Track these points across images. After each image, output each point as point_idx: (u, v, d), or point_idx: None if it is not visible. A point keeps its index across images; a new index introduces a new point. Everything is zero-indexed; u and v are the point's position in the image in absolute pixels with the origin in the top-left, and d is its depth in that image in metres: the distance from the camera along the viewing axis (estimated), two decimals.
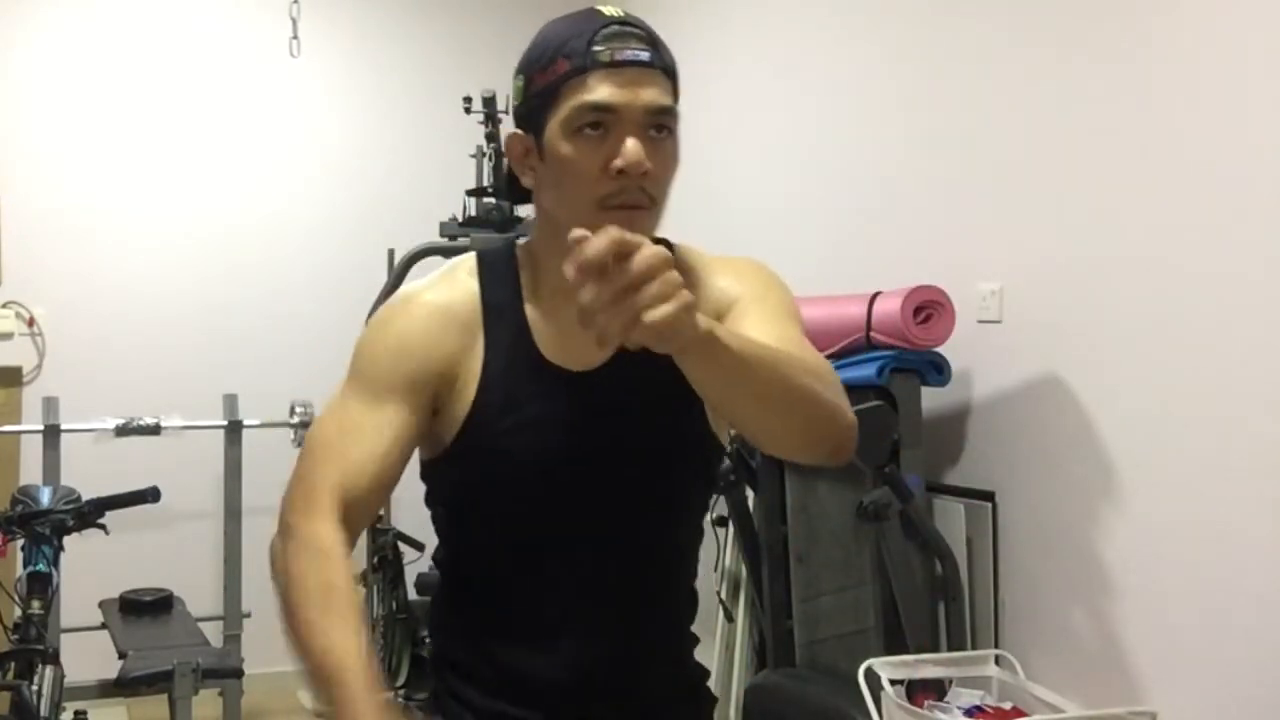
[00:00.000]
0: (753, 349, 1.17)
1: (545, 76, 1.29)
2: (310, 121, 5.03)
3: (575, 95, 1.27)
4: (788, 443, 1.29)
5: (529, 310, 1.37)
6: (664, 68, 1.30)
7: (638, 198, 1.28)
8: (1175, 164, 2.48)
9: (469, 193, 4.36)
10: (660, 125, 1.29)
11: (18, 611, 3.12)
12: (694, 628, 1.54)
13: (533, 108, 1.31)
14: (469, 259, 1.42)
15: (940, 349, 2.88)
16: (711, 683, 1.62)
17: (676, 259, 1.44)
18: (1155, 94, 2.53)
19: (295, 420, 4.49)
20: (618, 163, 1.26)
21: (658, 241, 1.41)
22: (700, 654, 1.56)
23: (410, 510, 2.69)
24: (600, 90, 1.26)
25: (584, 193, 1.28)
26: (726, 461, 3.40)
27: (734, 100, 4.16)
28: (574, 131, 1.27)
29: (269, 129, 4.96)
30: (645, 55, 1.28)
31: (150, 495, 3.46)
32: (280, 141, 4.98)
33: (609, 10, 1.31)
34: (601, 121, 1.27)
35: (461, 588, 1.43)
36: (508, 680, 1.37)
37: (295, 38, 4.77)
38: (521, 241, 1.43)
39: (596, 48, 1.27)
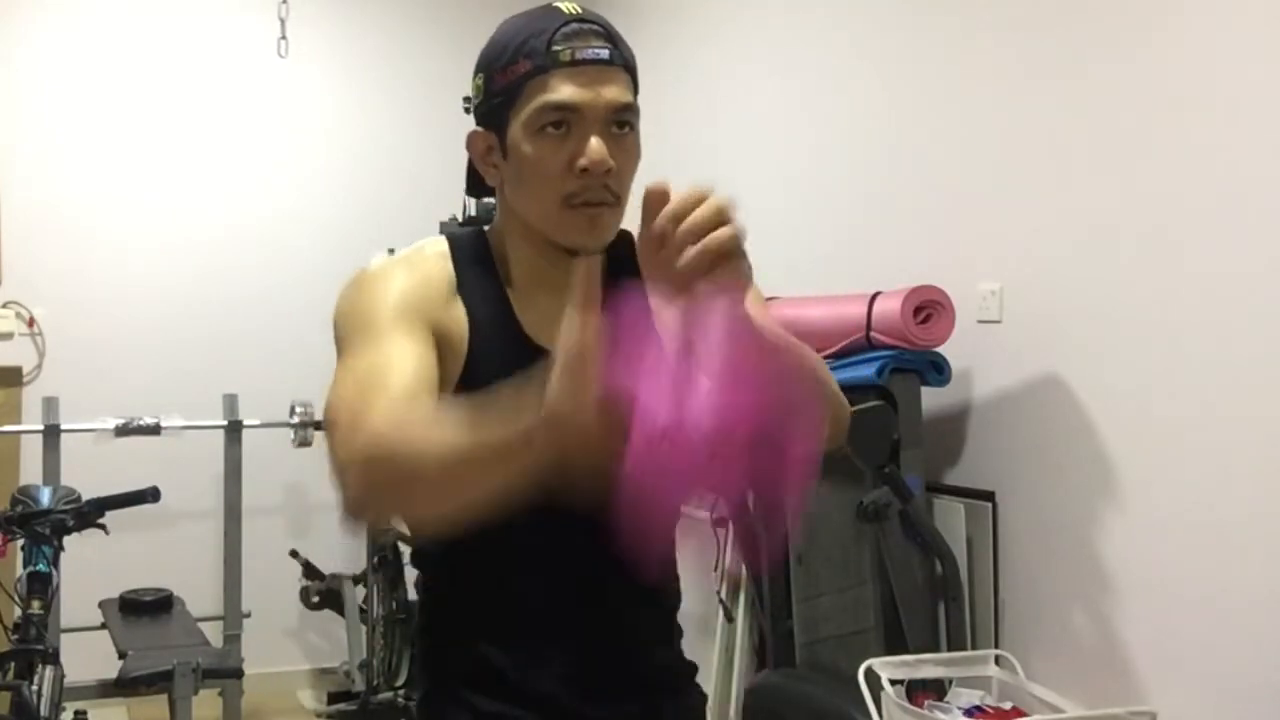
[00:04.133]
0: (777, 331, 1.17)
1: (505, 76, 1.30)
2: (307, 121, 5.03)
3: (537, 95, 1.28)
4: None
5: (509, 293, 1.37)
6: (624, 64, 1.31)
7: (602, 195, 1.29)
8: (1176, 164, 2.48)
9: (468, 193, 4.37)
10: (622, 122, 1.30)
11: (18, 611, 3.12)
12: (693, 628, 1.54)
13: (494, 106, 1.32)
14: (438, 243, 1.41)
15: (940, 349, 2.88)
16: (711, 683, 1.62)
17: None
18: (1156, 93, 2.53)
19: (295, 420, 4.49)
20: (581, 161, 1.27)
21: (621, 235, 1.42)
22: (700, 654, 1.55)
23: None
24: (562, 90, 1.27)
25: (548, 191, 1.29)
26: None
27: (734, 100, 4.16)
28: (536, 131, 1.29)
29: (266, 129, 4.97)
30: (605, 53, 1.29)
31: (150, 495, 3.46)
32: (280, 141, 4.99)
33: (567, 7, 1.31)
34: (564, 120, 1.28)
35: (448, 587, 1.41)
36: (499, 679, 1.36)
37: (284, 38, 4.77)
38: (488, 229, 1.43)
39: (557, 47, 1.28)
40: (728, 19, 4.22)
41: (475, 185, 1.42)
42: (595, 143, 1.27)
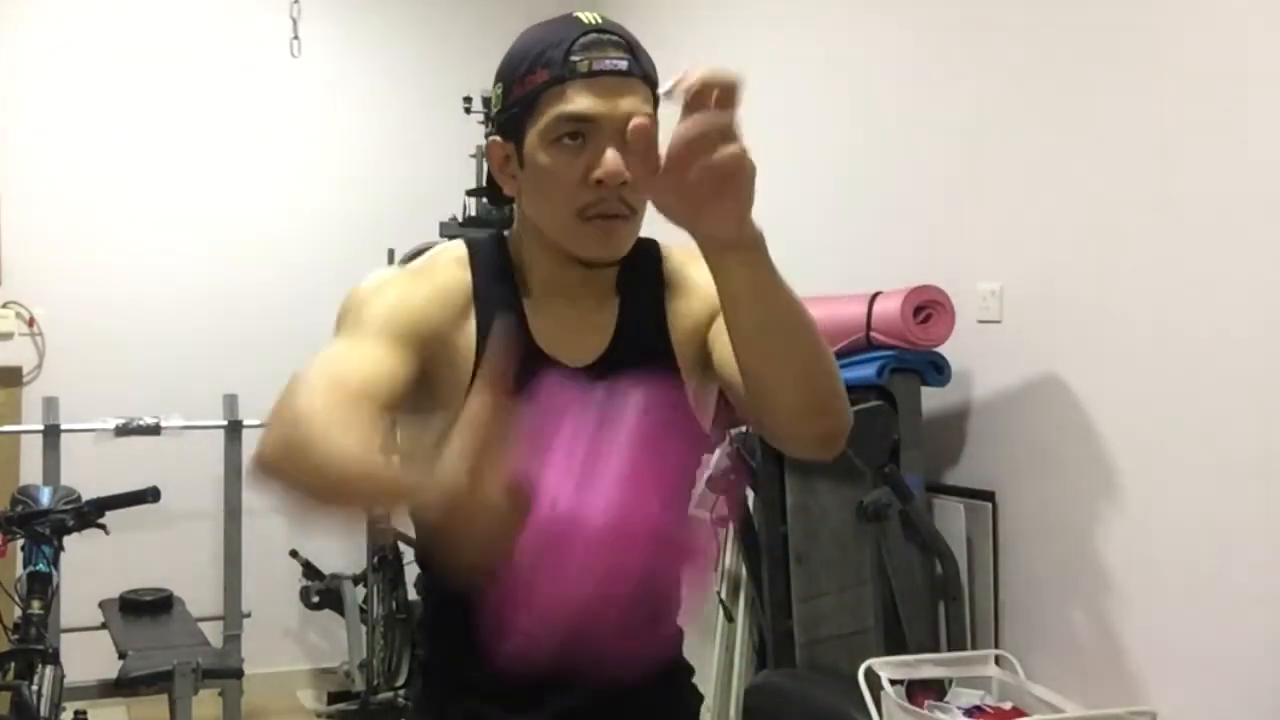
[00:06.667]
0: (790, 289, 1.14)
1: (523, 86, 1.29)
2: (311, 121, 5.03)
3: (554, 105, 1.27)
4: (793, 408, 1.21)
5: (525, 304, 1.37)
6: (643, 75, 1.30)
7: (617, 207, 1.28)
8: (1176, 164, 2.48)
9: (469, 193, 4.37)
10: None
11: (18, 611, 3.12)
12: (693, 628, 1.53)
13: (512, 116, 1.31)
14: (457, 248, 1.41)
15: (940, 349, 2.88)
16: (712, 683, 1.61)
17: (665, 260, 1.44)
18: (1156, 94, 2.53)
19: None
20: (597, 173, 1.26)
21: (644, 243, 1.41)
22: (700, 654, 1.55)
23: None
24: (579, 101, 1.26)
25: (563, 202, 1.29)
26: (726, 461, 3.40)
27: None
28: (553, 141, 1.28)
29: (269, 129, 4.97)
30: (623, 64, 1.28)
31: (150, 495, 3.46)
32: (281, 142, 4.99)
33: (587, 17, 1.30)
34: (580, 131, 1.27)
35: (444, 590, 1.41)
36: (494, 680, 1.36)
37: (296, 38, 4.78)
38: (507, 234, 1.43)
39: (574, 57, 1.27)
40: (725, 16, 4.22)
41: (495, 194, 1.41)
42: (611, 155, 1.26)
